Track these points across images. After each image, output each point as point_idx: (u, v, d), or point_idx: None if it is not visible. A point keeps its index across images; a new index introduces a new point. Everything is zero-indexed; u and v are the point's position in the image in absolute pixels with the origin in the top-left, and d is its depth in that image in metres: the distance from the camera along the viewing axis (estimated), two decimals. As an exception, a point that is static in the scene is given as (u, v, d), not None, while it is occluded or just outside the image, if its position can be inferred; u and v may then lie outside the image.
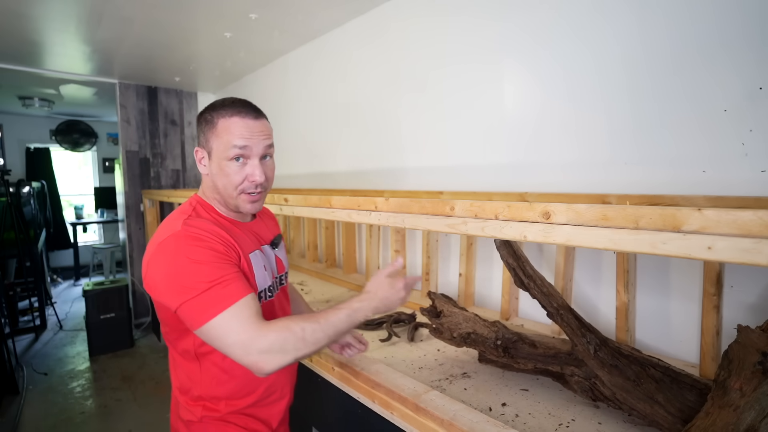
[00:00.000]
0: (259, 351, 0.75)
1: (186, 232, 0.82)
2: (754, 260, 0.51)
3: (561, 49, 1.39)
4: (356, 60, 2.24)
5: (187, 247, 0.80)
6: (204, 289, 0.77)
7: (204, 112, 0.94)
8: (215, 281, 0.78)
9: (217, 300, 0.77)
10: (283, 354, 0.77)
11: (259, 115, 0.95)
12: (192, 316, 0.77)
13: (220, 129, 0.89)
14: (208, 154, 0.93)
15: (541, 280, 1.01)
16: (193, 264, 0.79)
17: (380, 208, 1.06)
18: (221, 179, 0.91)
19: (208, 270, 0.79)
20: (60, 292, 5.33)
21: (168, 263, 0.80)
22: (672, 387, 0.85)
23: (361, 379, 1.16)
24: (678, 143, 1.15)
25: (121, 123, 3.61)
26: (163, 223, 0.90)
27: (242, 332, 0.76)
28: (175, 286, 0.78)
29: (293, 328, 0.78)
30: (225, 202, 0.94)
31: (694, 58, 1.11)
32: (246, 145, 0.89)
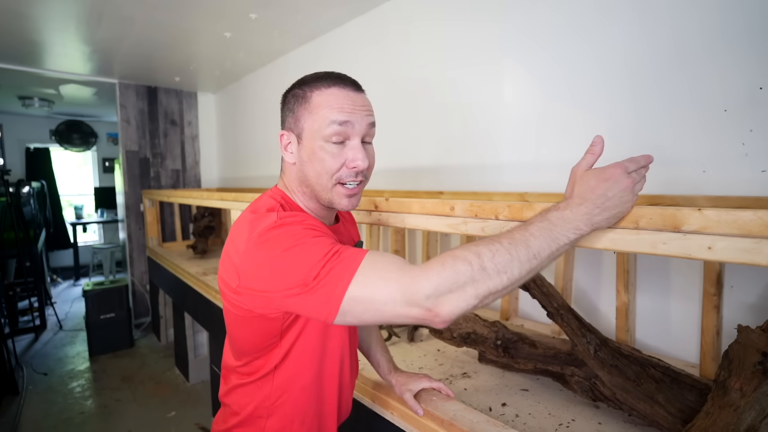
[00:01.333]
0: (426, 296, 0.56)
1: (282, 221, 0.68)
2: (754, 260, 0.51)
3: (561, 50, 1.39)
4: (356, 60, 2.24)
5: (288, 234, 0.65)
6: (322, 267, 0.60)
7: (292, 88, 0.78)
8: (330, 253, 0.62)
9: (342, 269, 0.60)
10: (460, 290, 0.55)
11: (359, 87, 0.77)
12: (322, 302, 0.60)
13: (314, 104, 0.73)
14: (297, 137, 0.76)
15: (541, 280, 1.01)
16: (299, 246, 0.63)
17: (380, 208, 1.06)
18: (314, 166, 0.74)
19: (318, 246, 0.63)
20: (60, 292, 5.33)
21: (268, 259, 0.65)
22: (672, 387, 0.85)
23: (360, 379, 1.16)
24: (678, 143, 1.15)
25: (121, 123, 3.61)
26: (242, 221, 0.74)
27: (391, 283, 0.58)
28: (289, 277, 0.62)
29: (461, 255, 0.57)
30: (317, 195, 0.77)
31: (694, 58, 1.11)
32: (347, 121, 0.72)
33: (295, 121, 0.75)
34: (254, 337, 0.75)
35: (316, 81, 0.75)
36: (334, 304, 0.59)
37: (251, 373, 0.79)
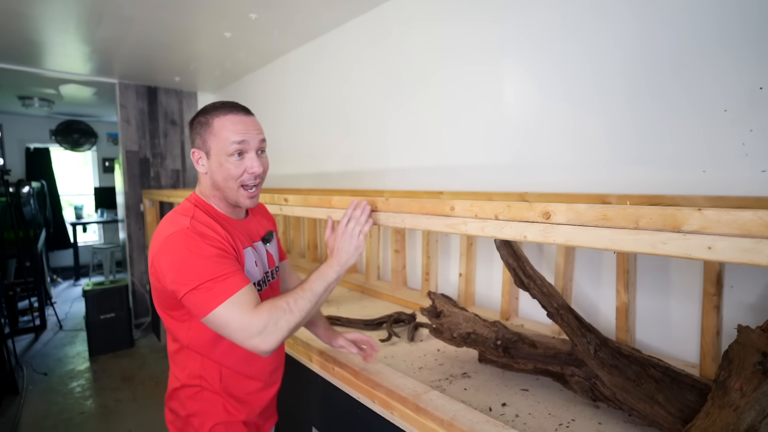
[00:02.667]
0: (258, 333, 0.83)
1: (193, 228, 0.89)
2: (754, 260, 0.51)
3: (560, 50, 1.39)
4: (356, 60, 2.24)
5: (194, 243, 0.87)
6: (207, 281, 0.84)
7: (197, 116, 0.99)
8: (218, 276, 0.85)
9: (219, 292, 0.84)
10: (278, 329, 0.85)
11: (249, 112, 1.00)
12: (197, 305, 0.85)
13: (216, 128, 0.95)
14: (206, 153, 0.97)
15: (541, 280, 1.01)
16: (199, 259, 0.86)
17: (380, 208, 1.06)
18: (221, 174, 0.96)
19: (212, 265, 0.86)
20: (60, 292, 5.33)
21: (177, 255, 0.86)
22: (672, 387, 0.85)
23: (361, 379, 1.16)
24: (678, 143, 1.15)
25: (121, 123, 3.61)
26: (166, 218, 0.95)
27: (241, 319, 0.83)
28: (182, 277, 0.85)
29: (279, 304, 0.87)
30: (225, 197, 0.99)
31: (694, 58, 1.11)
32: (243, 140, 0.95)
33: (202, 142, 0.97)
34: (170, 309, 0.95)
35: (215, 110, 0.96)
36: (205, 311, 0.84)
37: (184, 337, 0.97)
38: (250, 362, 1.02)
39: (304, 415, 1.50)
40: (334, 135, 2.46)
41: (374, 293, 2.00)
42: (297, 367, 1.46)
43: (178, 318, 0.95)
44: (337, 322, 1.59)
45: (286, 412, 1.69)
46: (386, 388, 1.07)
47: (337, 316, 1.61)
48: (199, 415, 1.00)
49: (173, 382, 1.03)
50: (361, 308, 1.81)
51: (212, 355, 0.98)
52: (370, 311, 1.76)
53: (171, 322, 0.98)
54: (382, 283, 2.08)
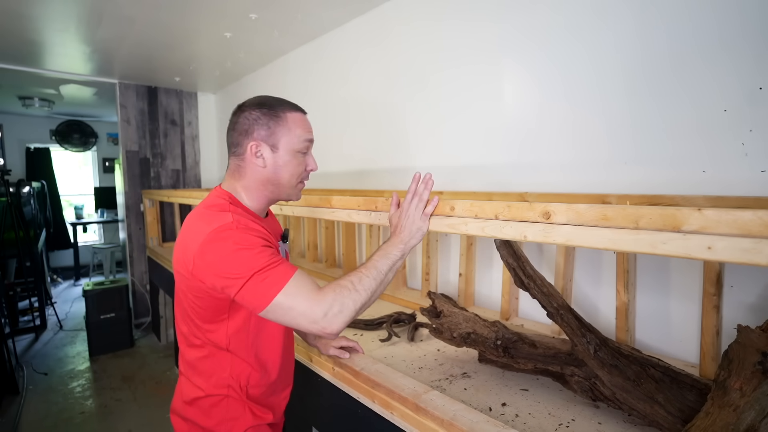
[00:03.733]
0: (323, 315, 0.81)
1: (237, 223, 0.86)
2: (754, 260, 0.51)
3: (560, 50, 1.39)
4: (356, 60, 2.24)
5: (241, 236, 0.84)
6: (261, 270, 0.81)
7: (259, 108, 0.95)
8: (270, 264, 0.83)
9: (276, 279, 0.81)
10: (344, 310, 0.82)
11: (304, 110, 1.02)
12: (256, 296, 0.81)
13: (290, 123, 0.95)
14: (270, 147, 0.94)
15: (541, 280, 1.01)
16: (249, 250, 0.83)
17: (380, 208, 1.06)
18: (288, 170, 0.96)
19: (263, 255, 0.83)
20: (60, 292, 5.33)
21: (225, 250, 0.83)
22: (672, 387, 0.85)
23: (361, 379, 1.16)
24: (678, 143, 1.15)
25: (121, 123, 3.62)
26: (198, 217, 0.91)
27: (306, 302, 0.81)
28: (234, 271, 0.81)
29: (343, 284, 0.85)
30: (279, 193, 0.99)
31: (694, 58, 1.11)
32: (312, 139, 0.99)
33: (271, 134, 0.94)
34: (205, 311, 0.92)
35: (283, 105, 0.97)
36: (265, 302, 0.81)
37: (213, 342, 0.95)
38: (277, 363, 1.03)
39: (304, 415, 1.50)
40: (334, 135, 2.46)
41: (374, 293, 2.00)
42: (297, 367, 1.46)
43: (214, 319, 0.92)
44: (337, 322, 1.59)
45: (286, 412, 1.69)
46: (386, 388, 1.07)
47: (337, 316, 1.61)
48: (226, 422, 0.96)
49: (194, 391, 0.97)
50: (361, 308, 1.81)
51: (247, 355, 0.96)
52: (370, 311, 1.76)
53: (202, 326, 0.94)
54: (382, 283, 2.08)
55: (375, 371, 1.15)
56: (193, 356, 0.97)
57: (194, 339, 0.96)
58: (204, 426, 0.96)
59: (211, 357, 0.96)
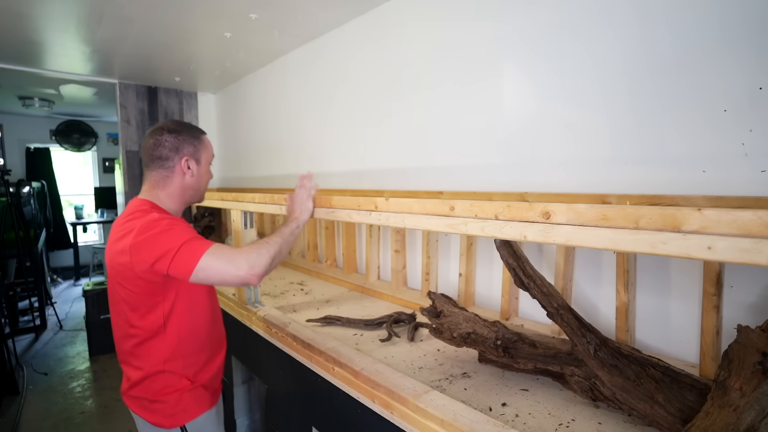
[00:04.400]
0: (246, 262, 1.03)
1: (160, 216, 1.08)
2: (754, 260, 0.51)
3: (560, 50, 1.39)
4: (356, 60, 2.24)
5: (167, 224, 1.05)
6: (184, 243, 1.02)
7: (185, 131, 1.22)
8: (192, 237, 1.04)
9: (198, 246, 1.02)
10: (261, 257, 1.05)
11: None
12: (184, 264, 1.00)
13: (206, 143, 1.27)
14: (196, 161, 1.22)
15: (541, 280, 1.01)
16: (169, 231, 1.03)
17: (380, 208, 1.06)
18: (205, 178, 1.27)
19: (184, 232, 1.05)
20: (60, 292, 5.33)
21: (153, 235, 1.03)
22: (672, 387, 0.85)
23: (361, 379, 1.16)
24: (678, 143, 1.15)
25: (121, 123, 3.61)
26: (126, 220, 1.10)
27: (228, 258, 1.02)
28: (162, 249, 1.01)
29: (257, 243, 1.10)
30: (197, 197, 1.28)
31: (694, 58, 1.11)
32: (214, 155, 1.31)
33: (194, 151, 1.22)
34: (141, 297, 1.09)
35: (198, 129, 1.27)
36: (192, 265, 1.00)
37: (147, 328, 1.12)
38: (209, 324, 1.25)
39: (304, 415, 1.50)
40: (333, 135, 2.46)
41: (374, 293, 2.00)
42: (297, 367, 1.47)
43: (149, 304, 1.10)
44: (337, 321, 1.60)
45: (286, 412, 1.69)
46: (386, 388, 1.07)
47: (337, 316, 1.61)
48: (166, 390, 1.16)
49: (136, 373, 1.16)
50: (361, 308, 1.81)
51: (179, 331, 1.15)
52: (370, 311, 1.76)
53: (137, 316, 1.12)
54: (382, 283, 2.08)
55: (375, 371, 1.16)
56: (130, 344, 1.15)
57: (130, 329, 1.13)
58: (149, 398, 1.16)
59: (146, 342, 1.13)
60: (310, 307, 1.86)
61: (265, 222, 3.06)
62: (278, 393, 1.67)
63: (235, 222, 1.82)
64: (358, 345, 1.40)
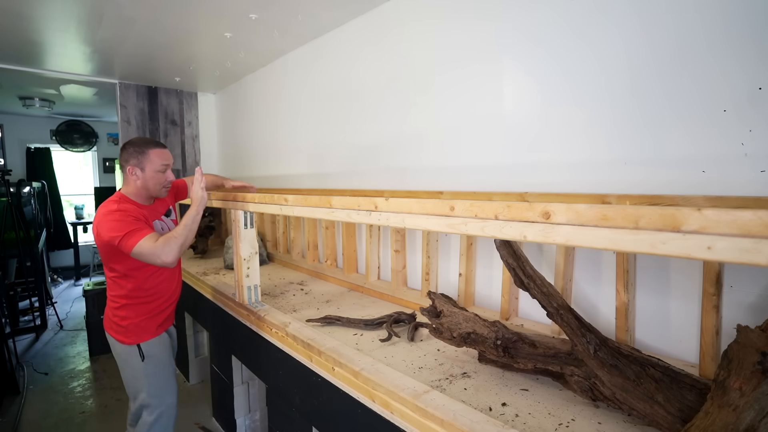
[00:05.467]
0: (163, 252, 1.51)
1: (118, 208, 1.59)
2: (754, 260, 0.51)
3: (561, 50, 1.39)
4: (356, 60, 2.24)
5: (119, 214, 1.56)
6: (129, 231, 1.52)
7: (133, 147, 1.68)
8: (135, 228, 1.53)
9: (137, 235, 1.52)
10: (170, 246, 1.53)
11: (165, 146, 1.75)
12: (127, 244, 1.51)
13: (152, 155, 1.68)
14: (140, 169, 1.67)
15: (541, 280, 1.01)
16: (122, 221, 1.54)
17: (380, 208, 1.06)
18: (152, 182, 1.70)
19: (131, 223, 1.54)
20: (60, 292, 5.34)
21: (111, 222, 1.54)
22: (672, 387, 0.85)
23: (361, 379, 1.16)
24: (678, 143, 1.15)
25: (121, 123, 3.62)
26: (103, 205, 1.62)
27: (150, 247, 1.51)
28: (115, 231, 1.52)
29: (167, 235, 1.56)
30: (150, 193, 1.73)
31: (694, 59, 1.11)
32: (168, 164, 1.72)
33: (138, 163, 1.67)
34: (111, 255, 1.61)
35: (149, 144, 1.69)
36: (131, 247, 1.50)
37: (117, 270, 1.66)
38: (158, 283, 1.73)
39: (304, 415, 1.50)
40: (333, 135, 2.46)
41: (374, 293, 2.01)
42: (297, 367, 1.47)
43: (118, 259, 1.61)
44: (337, 321, 1.60)
45: (286, 412, 1.69)
46: (386, 388, 1.07)
47: (337, 316, 1.62)
48: (130, 317, 1.69)
49: (110, 302, 1.72)
50: (361, 308, 1.82)
51: (138, 276, 1.66)
52: (370, 311, 1.76)
53: (113, 262, 1.62)
54: (382, 283, 2.08)
55: (375, 371, 1.16)
56: (108, 278, 1.70)
57: (108, 271, 1.68)
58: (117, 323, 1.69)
59: (117, 280, 1.67)
60: (310, 307, 1.86)
61: (265, 222, 3.06)
62: (278, 393, 1.67)
63: (235, 222, 1.82)
64: (358, 345, 1.40)
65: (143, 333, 1.70)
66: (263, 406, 2.28)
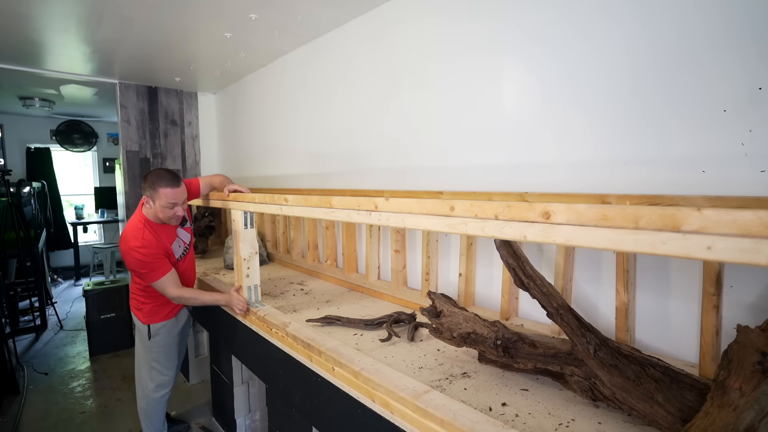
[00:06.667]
0: (170, 297, 1.90)
1: (143, 244, 1.83)
2: (754, 260, 0.51)
3: (561, 50, 1.39)
4: (356, 60, 2.24)
5: (145, 254, 1.83)
6: (153, 270, 1.84)
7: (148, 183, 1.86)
8: (158, 265, 1.85)
9: (158, 273, 1.85)
10: (180, 296, 1.89)
11: (179, 183, 1.88)
12: (149, 278, 1.85)
13: (161, 193, 1.83)
14: (152, 200, 1.85)
15: (541, 280, 1.01)
16: (146, 260, 1.83)
17: (380, 208, 1.06)
18: (161, 213, 1.87)
19: (153, 261, 1.84)
20: (60, 292, 5.34)
21: (137, 260, 1.83)
22: (672, 387, 0.85)
23: (361, 379, 1.16)
24: (678, 143, 1.15)
25: (121, 123, 3.62)
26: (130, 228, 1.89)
27: (167, 288, 1.88)
28: (141, 268, 1.84)
29: (185, 293, 1.92)
30: (160, 219, 1.91)
31: (694, 59, 1.11)
32: (174, 203, 1.86)
33: (150, 196, 1.85)
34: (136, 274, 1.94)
35: (162, 182, 1.84)
36: (149, 282, 1.89)
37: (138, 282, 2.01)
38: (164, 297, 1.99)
39: (304, 415, 1.50)
40: (333, 135, 2.46)
41: (374, 293, 2.01)
42: (297, 367, 1.47)
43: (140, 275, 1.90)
44: (337, 321, 1.60)
45: (286, 412, 1.69)
46: (386, 388, 1.07)
47: (338, 316, 1.62)
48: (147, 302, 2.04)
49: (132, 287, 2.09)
50: (361, 308, 1.82)
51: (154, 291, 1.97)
52: (370, 311, 1.76)
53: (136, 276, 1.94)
54: (382, 283, 2.08)
55: (375, 371, 1.16)
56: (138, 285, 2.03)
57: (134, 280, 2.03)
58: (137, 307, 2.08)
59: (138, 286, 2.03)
60: (310, 307, 1.86)
61: (265, 222, 3.06)
62: (278, 393, 1.67)
63: (235, 222, 1.82)
64: (358, 345, 1.40)
65: (154, 316, 2.06)
66: (263, 406, 2.28)
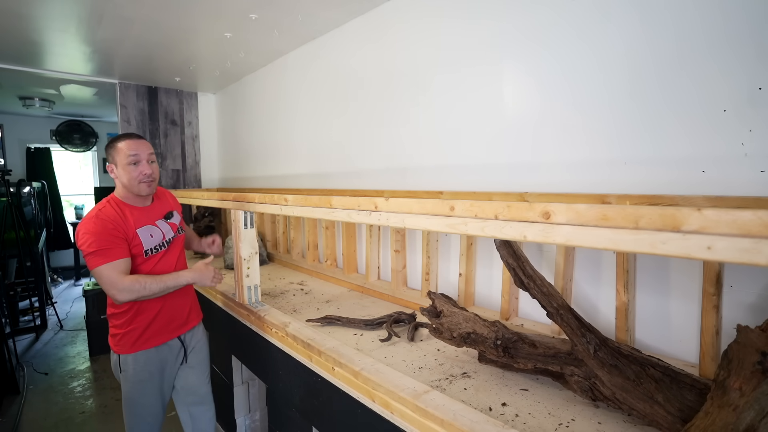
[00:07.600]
0: (117, 290, 1.41)
1: (98, 215, 1.47)
2: (754, 260, 0.51)
3: (561, 50, 1.39)
4: (356, 60, 2.24)
5: (97, 225, 1.44)
6: (100, 249, 1.41)
7: (108, 143, 1.55)
8: (106, 247, 1.42)
9: (101, 258, 1.41)
10: (131, 293, 1.43)
11: (140, 137, 1.57)
12: (89, 262, 1.42)
13: (117, 148, 1.52)
14: (114, 165, 1.53)
15: (541, 280, 1.01)
16: (96, 235, 1.42)
17: (380, 208, 1.06)
18: (126, 177, 1.52)
19: (104, 240, 1.42)
20: (60, 292, 5.34)
21: (86, 234, 1.42)
22: (672, 387, 0.85)
23: (361, 379, 1.16)
24: (678, 143, 1.15)
25: (121, 123, 3.62)
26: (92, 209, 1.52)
27: (110, 278, 1.41)
28: (86, 244, 1.41)
29: (140, 280, 1.44)
30: (131, 190, 1.54)
31: (694, 59, 1.11)
32: (136, 154, 1.52)
33: (112, 159, 1.53)
34: None
35: (118, 138, 1.54)
36: (90, 267, 1.41)
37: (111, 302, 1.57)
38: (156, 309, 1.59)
39: (304, 415, 1.50)
40: (333, 135, 2.46)
41: (374, 293, 2.01)
42: (297, 367, 1.47)
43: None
44: (337, 321, 1.60)
45: (286, 412, 1.69)
46: (386, 388, 1.07)
47: (338, 316, 1.62)
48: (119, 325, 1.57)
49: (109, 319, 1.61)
50: (361, 308, 1.82)
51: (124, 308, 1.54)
52: (370, 311, 1.76)
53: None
54: (382, 283, 2.08)
55: (375, 371, 1.16)
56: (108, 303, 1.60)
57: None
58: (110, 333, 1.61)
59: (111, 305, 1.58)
60: (310, 307, 1.86)
61: (265, 222, 3.06)
62: (278, 393, 1.67)
63: (235, 222, 1.82)
64: (358, 345, 1.40)
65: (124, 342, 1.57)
66: (263, 406, 2.28)
